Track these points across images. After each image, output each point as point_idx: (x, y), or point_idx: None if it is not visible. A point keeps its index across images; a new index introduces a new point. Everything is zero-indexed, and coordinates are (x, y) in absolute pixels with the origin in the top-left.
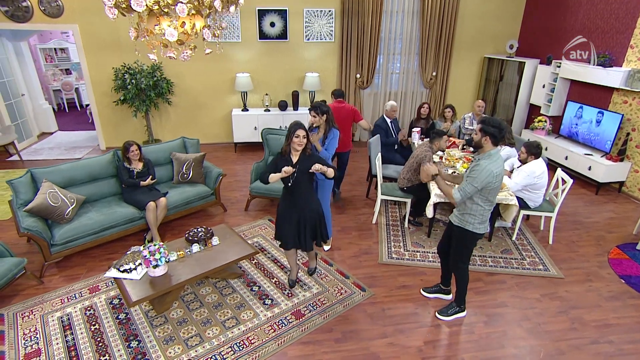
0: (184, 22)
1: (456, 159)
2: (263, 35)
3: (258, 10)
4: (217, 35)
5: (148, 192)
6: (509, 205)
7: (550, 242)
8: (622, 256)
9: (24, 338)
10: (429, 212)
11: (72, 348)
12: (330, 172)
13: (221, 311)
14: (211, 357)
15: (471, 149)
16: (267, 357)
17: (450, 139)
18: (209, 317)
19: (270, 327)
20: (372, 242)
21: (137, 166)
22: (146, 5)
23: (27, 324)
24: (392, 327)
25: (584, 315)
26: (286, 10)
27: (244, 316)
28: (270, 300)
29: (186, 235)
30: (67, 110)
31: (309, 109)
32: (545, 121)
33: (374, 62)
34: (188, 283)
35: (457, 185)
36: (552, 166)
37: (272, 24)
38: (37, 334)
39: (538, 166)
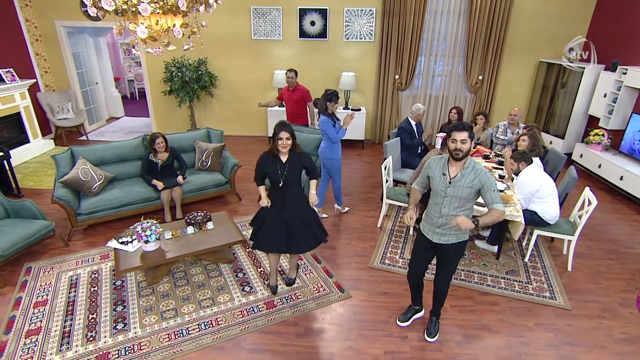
0: (157, 20)
1: None
2: (303, 34)
3: (299, 9)
4: (193, 32)
5: (166, 179)
6: (515, 221)
7: (569, 268)
8: None
9: (39, 289)
10: None
11: (70, 303)
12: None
13: (202, 291)
14: (178, 331)
15: (501, 159)
16: (226, 339)
17: (479, 147)
18: (190, 295)
19: (240, 312)
20: (369, 245)
21: (162, 157)
22: (115, 5)
23: (45, 278)
24: (357, 332)
25: (579, 354)
26: (327, 9)
27: (220, 299)
28: (249, 288)
29: (186, 218)
30: (137, 99)
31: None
32: (603, 135)
33: (414, 64)
34: (174, 260)
35: (494, 205)
36: (601, 186)
37: (312, 23)
38: (49, 287)
39: (530, 172)
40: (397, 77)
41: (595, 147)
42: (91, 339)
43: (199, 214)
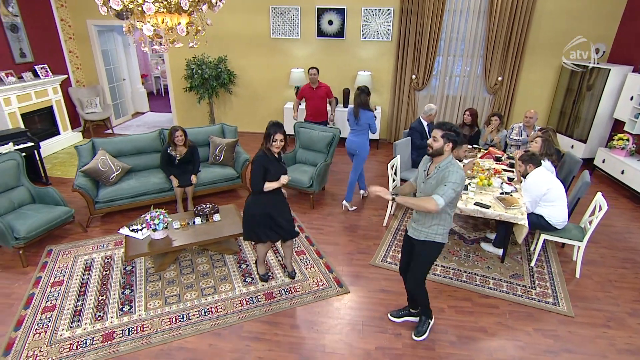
0: (163, 19)
1: (482, 169)
2: (321, 33)
3: (317, 8)
4: (198, 30)
5: (181, 175)
6: (519, 224)
7: (577, 275)
8: None
9: (57, 270)
10: None
11: (83, 285)
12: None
13: (205, 280)
14: (179, 315)
15: (512, 161)
16: (224, 326)
17: (492, 149)
18: (193, 283)
19: (239, 302)
20: (373, 243)
21: (181, 151)
22: (123, 4)
23: (64, 260)
24: (351, 326)
25: None
26: (345, 8)
27: (222, 288)
28: (250, 279)
29: (195, 209)
30: (163, 95)
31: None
32: (628, 139)
33: (432, 64)
34: (180, 248)
35: (434, 194)
36: (624, 193)
37: (330, 22)
38: (66, 269)
39: (538, 174)
40: (413, 77)
41: (619, 152)
42: (99, 318)
43: (207, 206)
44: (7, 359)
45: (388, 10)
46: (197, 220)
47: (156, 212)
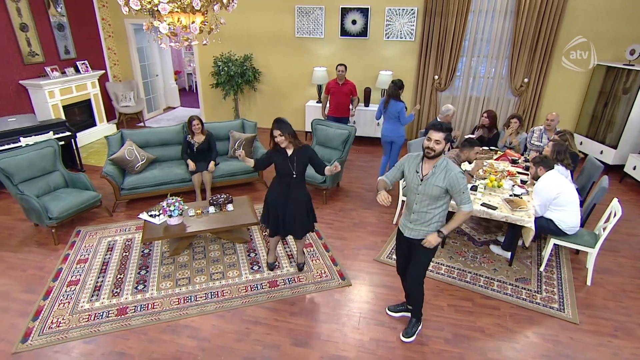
0: (179, 18)
1: (495, 171)
2: (344, 32)
3: (341, 8)
4: (211, 29)
5: (200, 163)
6: (527, 227)
7: (589, 283)
8: None
9: (83, 249)
10: None
11: (105, 264)
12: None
13: (215, 265)
14: (188, 296)
15: (528, 164)
16: (227, 309)
17: (509, 151)
18: (204, 268)
19: (244, 288)
20: (380, 239)
21: (199, 139)
22: (141, 4)
23: (89, 241)
24: (348, 317)
25: None
26: (368, 8)
27: (230, 274)
28: (257, 267)
29: (210, 199)
30: (194, 91)
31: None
32: None
33: (455, 64)
34: (193, 234)
35: (461, 206)
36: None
37: (354, 22)
38: (91, 248)
39: (549, 178)
40: (436, 77)
41: None
42: (116, 294)
43: (221, 196)
44: (36, 323)
45: (412, 10)
46: (211, 209)
47: (172, 199)
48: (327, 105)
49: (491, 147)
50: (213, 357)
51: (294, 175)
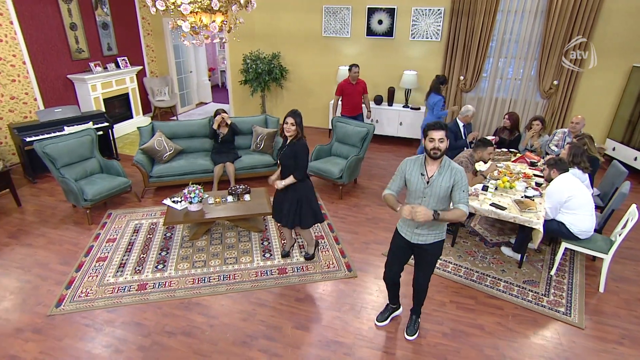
0: (201, 17)
1: (510, 173)
2: (370, 32)
3: (368, 8)
4: (230, 28)
5: (225, 154)
6: (536, 229)
7: (601, 289)
8: None
9: (112, 230)
10: None
11: (130, 244)
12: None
13: (230, 251)
14: (202, 277)
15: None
16: (237, 291)
17: (528, 153)
18: (219, 252)
19: (255, 273)
20: (391, 235)
21: (223, 130)
22: (166, 5)
23: (119, 223)
24: (350, 306)
25: None
26: (395, 8)
27: (242, 260)
28: (269, 255)
29: (229, 189)
30: (227, 87)
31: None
32: None
33: (481, 65)
34: (211, 221)
35: (459, 204)
36: None
37: (380, 22)
38: (120, 229)
39: (562, 180)
40: (461, 78)
41: None
42: (138, 271)
43: (240, 187)
44: (68, 291)
45: (439, 10)
46: (230, 198)
47: (193, 187)
48: (339, 106)
49: (511, 150)
50: (219, 332)
51: (277, 163)
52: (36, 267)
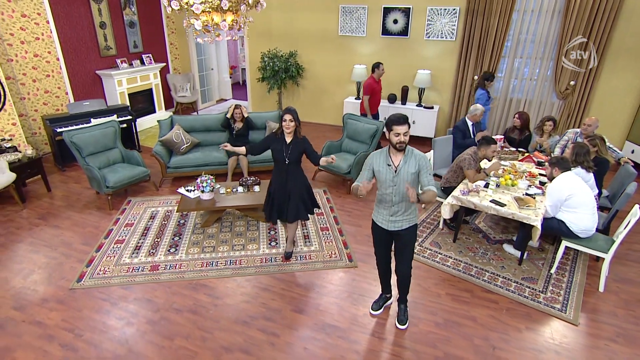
0: (212, 16)
1: (515, 172)
2: (385, 32)
3: (384, 7)
4: (241, 27)
5: (237, 146)
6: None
7: (601, 289)
8: None
9: (131, 215)
10: (445, 212)
11: (147, 229)
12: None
13: (238, 238)
14: (210, 262)
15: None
16: (242, 275)
17: (537, 153)
18: (228, 239)
19: (260, 259)
20: None
21: (239, 125)
22: (180, 5)
23: (137, 209)
24: (348, 293)
25: None
26: (410, 8)
27: (249, 247)
28: (275, 243)
29: (240, 180)
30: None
31: None
32: None
33: (496, 65)
34: (221, 209)
35: (429, 186)
36: None
37: (395, 21)
38: (137, 215)
39: (562, 179)
40: (475, 77)
41: None
42: (152, 254)
43: (250, 178)
44: (88, 269)
45: (454, 9)
46: (240, 188)
47: (206, 177)
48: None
49: (520, 149)
50: (222, 312)
51: (287, 162)
52: (61, 246)
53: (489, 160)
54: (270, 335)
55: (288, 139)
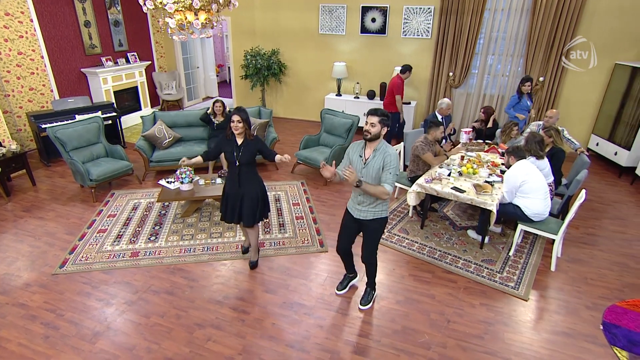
0: (185, 15)
1: (479, 162)
2: (364, 30)
3: (362, 6)
4: (213, 25)
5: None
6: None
7: (552, 268)
8: (637, 309)
9: (114, 207)
10: (410, 199)
11: (129, 219)
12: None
13: (216, 227)
14: (188, 248)
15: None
16: (217, 261)
17: (502, 144)
18: (206, 228)
19: (236, 246)
20: None
21: (220, 118)
22: (154, 4)
23: (120, 201)
24: (316, 276)
25: (506, 333)
26: (387, 7)
27: (227, 235)
28: None
29: (219, 172)
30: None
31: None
32: None
33: (469, 62)
34: (200, 199)
35: (384, 183)
36: None
37: (373, 20)
38: (120, 207)
39: (517, 166)
40: (451, 74)
41: None
42: (132, 242)
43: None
44: (71, 256)
45: (429, 8)
46: (218, 180)
47: (185, 169)
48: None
49: (487, 141)
50: (197, 293)
51: (237, 164)
52: (45, 236)
53: (439, 142)
54: (241, 313)
55: (239, 140)
